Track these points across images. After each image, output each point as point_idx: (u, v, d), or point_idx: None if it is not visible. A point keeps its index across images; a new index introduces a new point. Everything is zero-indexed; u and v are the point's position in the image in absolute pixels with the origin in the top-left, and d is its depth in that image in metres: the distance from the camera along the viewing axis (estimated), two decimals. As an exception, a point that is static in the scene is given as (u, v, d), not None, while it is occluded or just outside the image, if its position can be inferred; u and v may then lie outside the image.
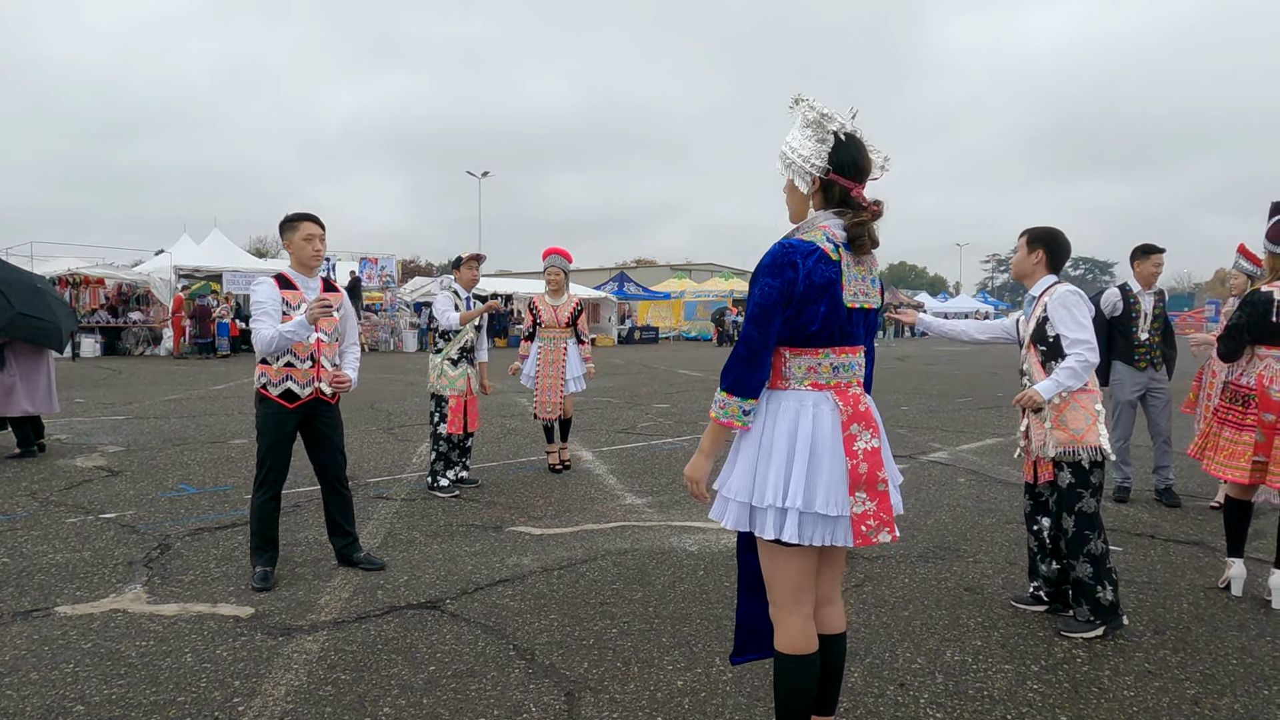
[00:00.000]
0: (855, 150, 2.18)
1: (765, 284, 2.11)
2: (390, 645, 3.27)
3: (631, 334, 34.03)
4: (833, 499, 2.09)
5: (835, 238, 2.15)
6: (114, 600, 3.72)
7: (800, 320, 2.12)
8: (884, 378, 16.55)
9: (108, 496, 5.71)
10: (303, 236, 4.03)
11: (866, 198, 2.19)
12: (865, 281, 2.21)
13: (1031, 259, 3.58)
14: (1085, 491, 3.44)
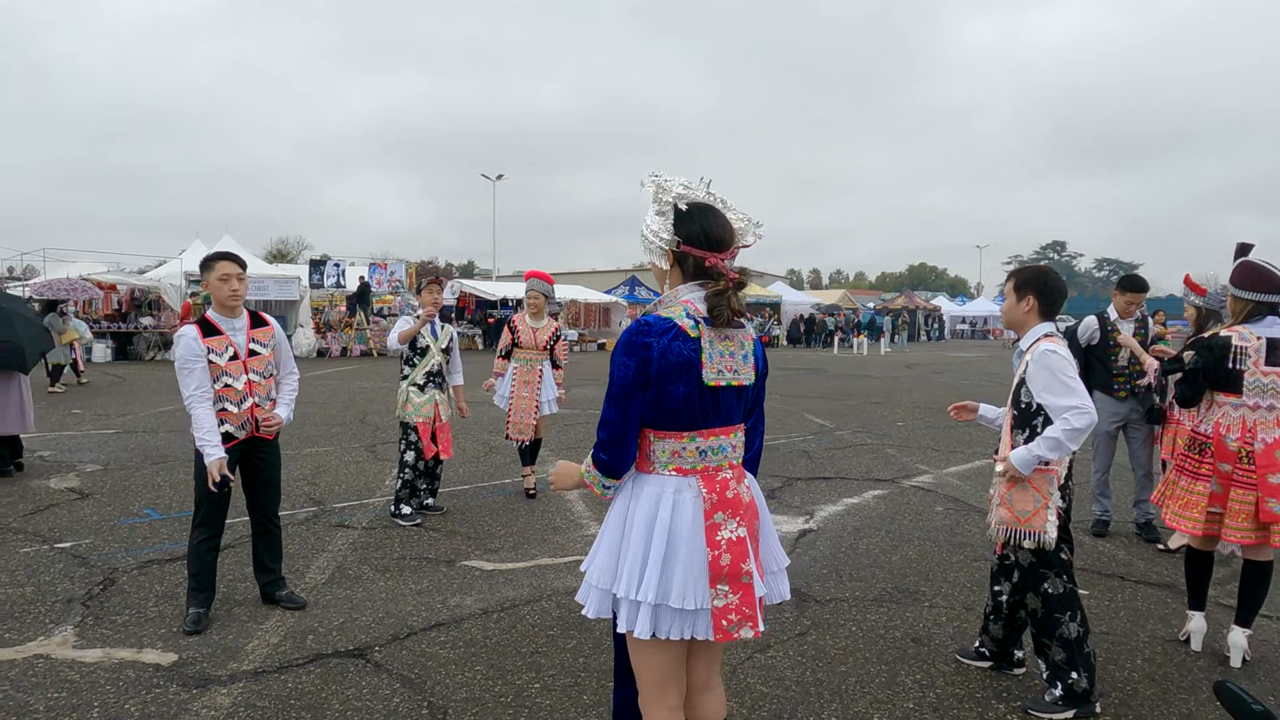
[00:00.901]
0: (704, 220, 2.10)
1: (622, 363, 2.03)
2: (303, 700, 3.20)
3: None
4: (690, 592, 1.99)
5: (697, 312, 2.06)
6: (40, 644, 3.69)
7: (661, 402, 2.02)
8: (886, 388, 16.36)
9: (69, 523, 5.70)
10: (218, 277, 3.96)
11: (727, 267, 2.09)
12: (735, 357, 2.10)
13: (1022, 307, 3.22)
14: (1050, 572, 3.17)
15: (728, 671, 3.50)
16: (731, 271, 2.09)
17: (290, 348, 4.35)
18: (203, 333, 3.93)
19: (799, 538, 5.57)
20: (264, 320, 4.21)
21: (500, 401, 6.82)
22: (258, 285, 24.01)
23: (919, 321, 45.98)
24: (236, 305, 4.06)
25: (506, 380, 6.81)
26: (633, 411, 2.03)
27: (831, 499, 6.71)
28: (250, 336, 4.07)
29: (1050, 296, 3.20)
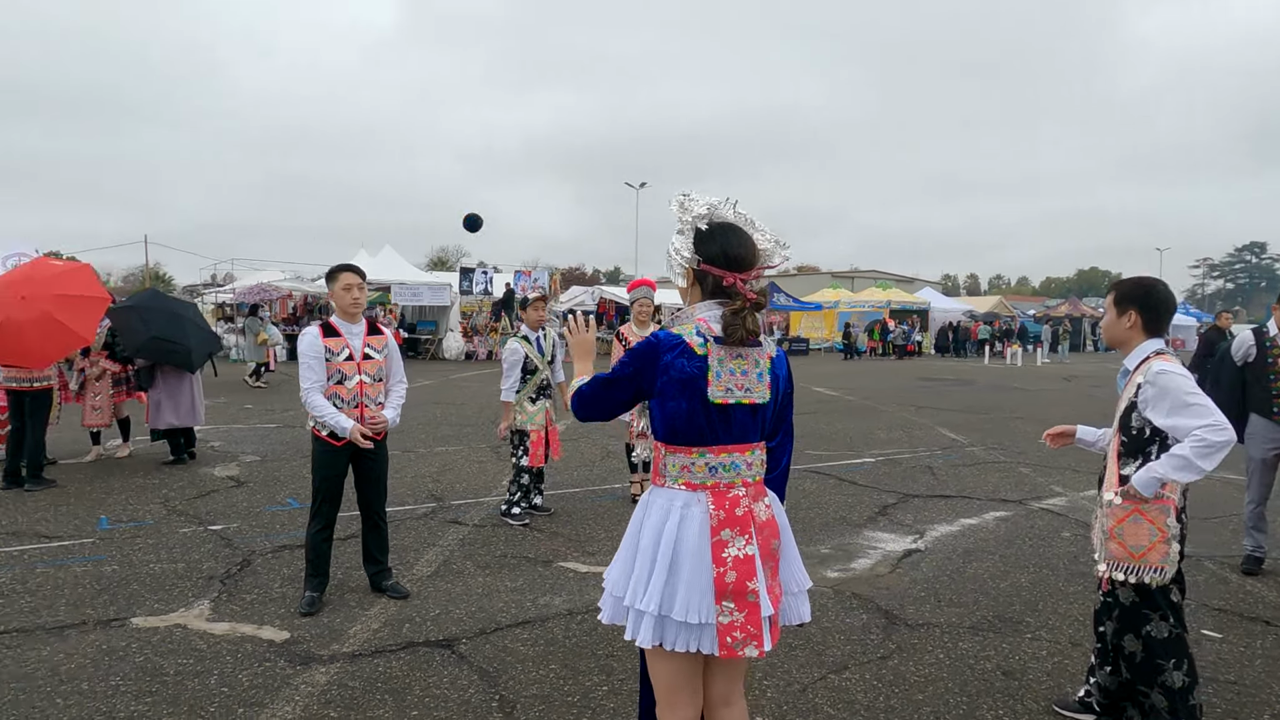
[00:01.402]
0: (725, 240, 2.12)
1: (624, 360, 2.14)
2: (389, 684, 3.44)
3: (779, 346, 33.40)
4: (694, 606, 2.01)
5: (709, 330, 2.08)
6: (180, 615, 4.16)
7: (666, 416, 2.08)
8: (1034, 402, 15.35)
9: (223, 507, 6.36)
10: (341, 286, 4.32)
11: (746, 287, 2.10)
12: (748, 376, 2.11)
13: (1123, 323, 2.96)
14: (1154, 613, 2.88)
15: (797, 689, 3.46)
16: (750, 292, 2.10)
17: (401, 358, 4.67)
18: (324, 333, 4.30)
19: (902, 558, 5.37)
20: (379, 330, 4.55)
21: None
22: (413, 291, 25.65)
23: (1084, 330, 42.67)
24: (356, 313, 4.42)
25: None
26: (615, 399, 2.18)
27: (947, 519, 6.41)
28: (366, 342, 4.41)
29: (1155, 311, 2.93)
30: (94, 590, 4.48)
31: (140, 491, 6.86)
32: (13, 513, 6.07)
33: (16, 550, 5.18)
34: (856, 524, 6.22)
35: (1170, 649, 2.86)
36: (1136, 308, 2.94)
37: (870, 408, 14.01)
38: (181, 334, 8.13)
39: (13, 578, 4.66)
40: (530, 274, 28.06)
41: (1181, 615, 2.93)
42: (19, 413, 6.95)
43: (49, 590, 4.47)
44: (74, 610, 4.19)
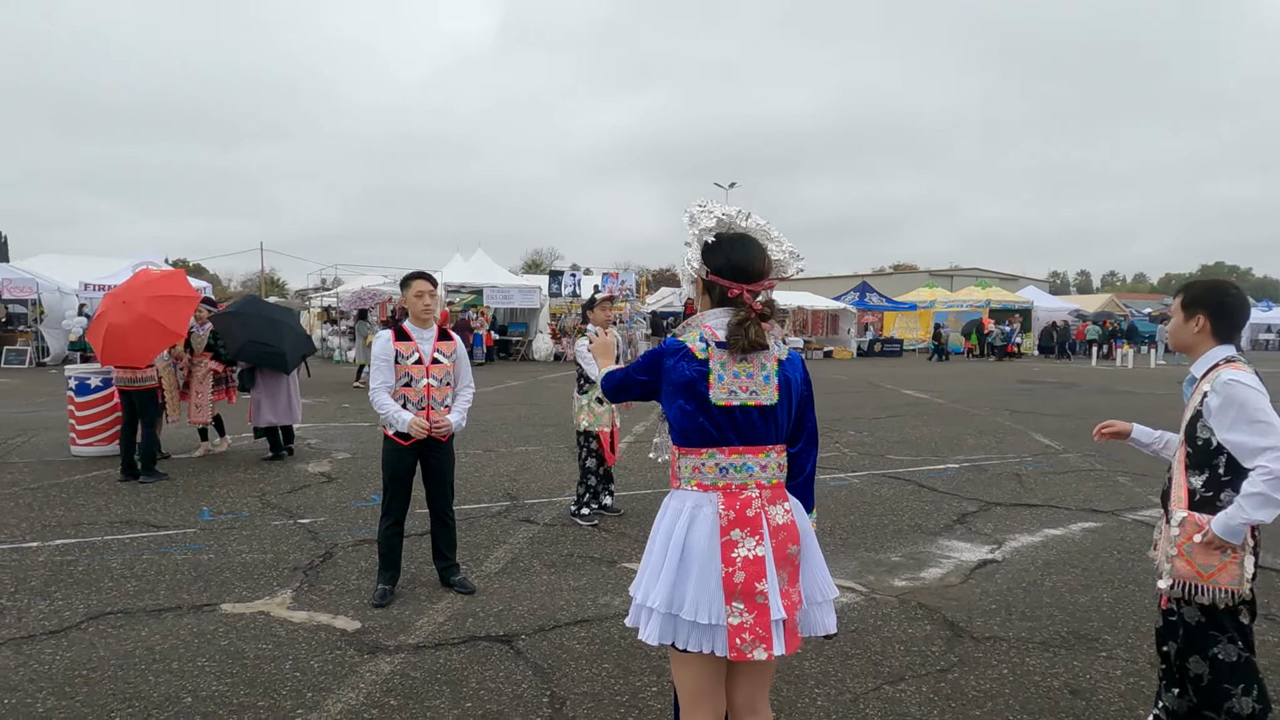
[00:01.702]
0: (732, 251, 2.16)
1: (638, 363, 2.24)
2: (447, 676, 3.58)
3: (871, 347, 32.68)
4: (703, 606, 2.03)
5: (712, 336, 2.12)
6: (264, 603, 4.43)
7: (673, 418, 2.15)
8: (1143, 407, 14.49)
9: (314, 502, 6.71)
10: (414, 293, 4.51)
11: (751, 298, 2.12)
12: (754, 379, 2.12)
13: (1190, 328, 2.80)
14: (1221, 635, 2.71)
15: (848, 699, 3.41)
16: (756, 303, 2.12)
17: (469, 364, 4.83)
18: (396, 337, 4.50)
19: (976, 569, 5.20)
20: (449, 336, 4.73)
21: None
22: (504, 294, 26.29)
23: (1206, 330, 39.84)
24: (428, 318, 4.60)
25: None
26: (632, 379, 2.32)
27: (1030, 529, 6.16)
28: (436, 347, 4.59)
29: (1226, 315, 2.75)
30: (190, 577, 4.83)
31: (240, 485, 7.32)
32: (128, 503, 6.59)
33: (128, 538, 5.62)
34: (932, 532, 6.05)
35: (1239, 673, 2.69)
36: (1206, 311, 2.78)
37: (961, 412, 13.54)
38: (277, 338, 8.63)
39: (122, 563, 5.07)
40: (617, 276, 28.35)
41: (1250, 638, 2.75)
42: (131, 411, 7.51)
43: (152, 576, 4.84)
44: (171, 595, 4.53)
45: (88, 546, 5.40)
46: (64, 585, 4.65)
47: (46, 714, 3.20)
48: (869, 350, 32.59)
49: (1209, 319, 2.78)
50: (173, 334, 7.35)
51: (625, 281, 28.32)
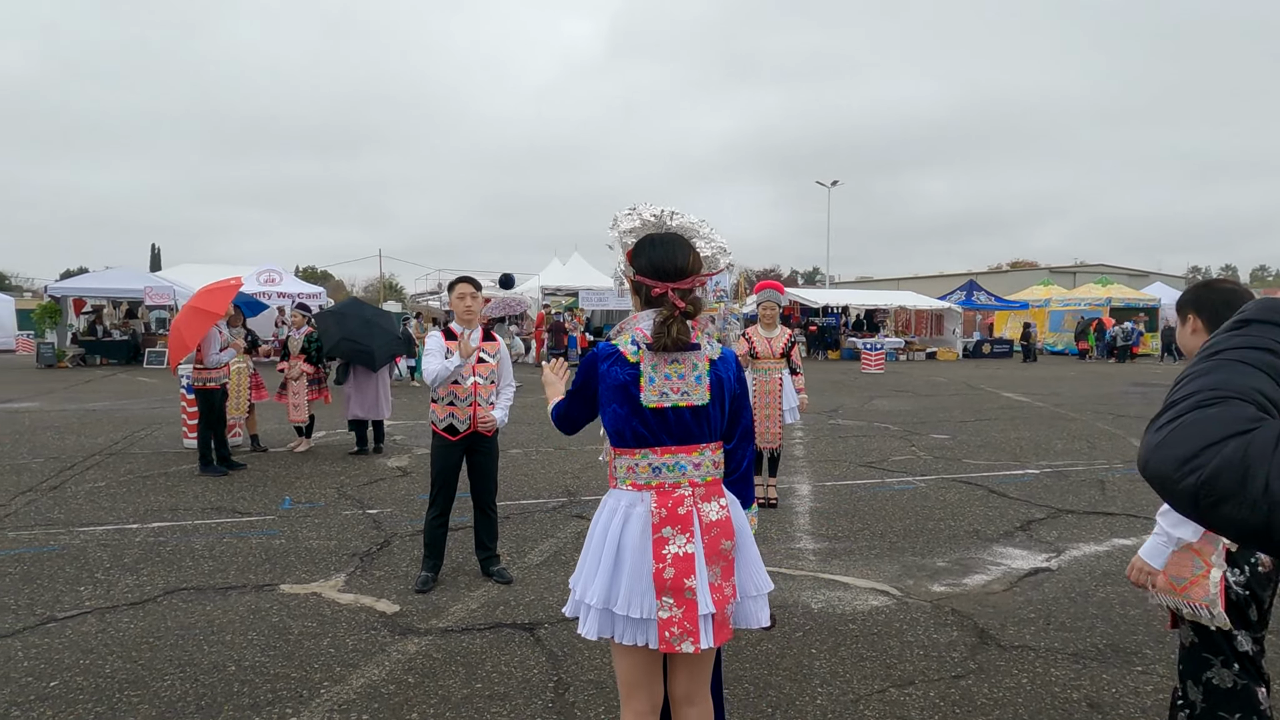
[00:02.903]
0: (652, 252, 2.23)
1: (575, 382, 2.32)
2: (466, 659, 3.79)
3: (979, 347, 31.35)
4: (634, 601, 2.10)
5: (643, 338, 2.18)
6: (318, 585, 4.78)
7: (608, 420, 2.21)
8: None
9: (384, 494, 7.12)
10: (457, 296, 4.76)
11: (676, 296, 2.17)
12: (685, 380, 2.18)
13: (1186, 330, 2.69)
14: (1215, 659, 2.56)
15: (850, 700, 3.40)
16: (679, 300, 2.18)
17: (511, 364, 5.04)
18: (445, 337, 4.76)
19: (1025, 576, 5.01)
20: (494, 337, 4.96)
21: None
22: (599, 296, 26.73)
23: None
24: (471, 319, 4.85)
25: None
26: (573, 413, 2.37)
27: (1098, 538, 5.87)
28: (481, 346, 4.83)
29: (1212, 310, 2.61)
30: (260, 559, 5.25)
31: (323, 477, 7.84)
32: (221, 491, 7.18)
33: (214, 523, 6.14)
34: (989, 538, 5.86)
35: (1234, 701, 2.53)
36: (1194, 311, 2.65)
37: (1058, 415, 12.88)
38: (368, 337, 9.17)
39: (205, 545, 5.56)
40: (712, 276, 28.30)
41: (1253, 665, 2.58)
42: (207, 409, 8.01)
43: (227, 557, 5.29)
44: (240, 575, 4.95)
45: (179, 529, 5.94)
46: (151, 563, 5.15)
47: (112, 674, 3.60)
48: (976, 351, 31.29)
49: (1198, 318, 2.65)
50: (211, 314, 7.87)
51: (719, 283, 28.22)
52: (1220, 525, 0.87)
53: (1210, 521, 0.88)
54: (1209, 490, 0.86)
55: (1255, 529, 0.84)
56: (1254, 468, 0.83)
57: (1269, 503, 0.82)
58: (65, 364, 22.33)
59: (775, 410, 6.84)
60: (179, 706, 3.31)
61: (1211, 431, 0.88)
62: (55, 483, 7.42)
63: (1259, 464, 0.83)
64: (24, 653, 3.80)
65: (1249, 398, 0.90)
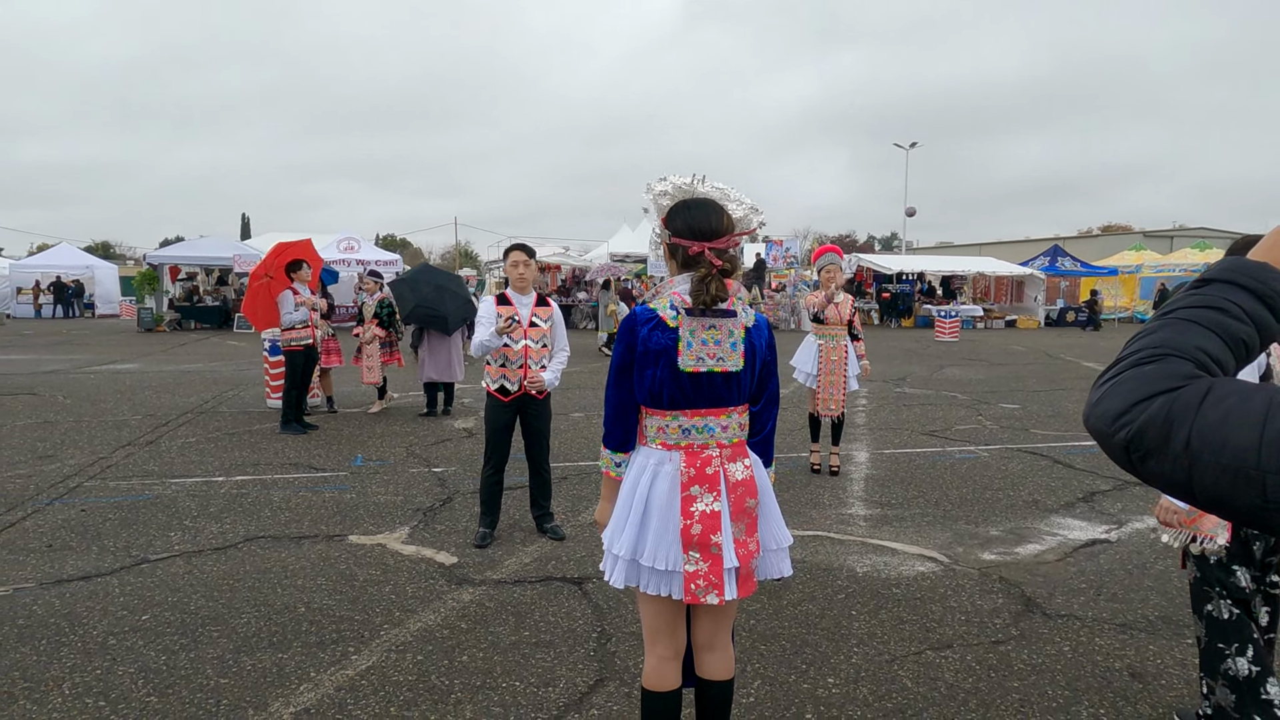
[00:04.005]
0: (687, 213, 2.26)
1: (616, 349, 2.30)
2: (516, 608, 3.98)
3: (1062, 315, 30.16)
4: (661, 554, 2.20)
5: (682, 302, 2.23)
6: (383, 537, 5.06)
7: (642, 383, 2.26)
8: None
9: (451, 454, 7.41)
10: (510, 263, 4.90)
11: (712, 255, 2.21)
12: (721, 345, 2.23)
13: None
14: (1213, 591, 2.64)
15: (885, 659, 3.46)
16: (716, 259, 2.22)
17: (565, 329, 5.16)
18: (498, 302, 4.92)
19: (1080, 547, 4.93)
20: (547, 302, 5.09)
21: (806, 380, 7.00)
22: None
23: None
24: (525, 286, 4.99)
25: (811, 357, 6.97)
26: (624, 389, 2.30)
27: (1165, 511, 5.70)
28: (534, 312, 4.97)
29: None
30: (331, 512, 5.57)
31: (394, 437, 8.19)
32: (299, 449, 7.59)
33: (292, 477, 6.52)
34: (1048, 509, 5.77)
35: (1232, 631, 2.57)
36: None
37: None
38: (440, 302, 9.46)
39: (282, 498, 5.92)
40: (781, 244, 27.99)
41: (1249, 599, 2.59)
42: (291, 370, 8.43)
43: (302, 509, 5.63)
44: (313, 526, 5.27)
45: (259, 483, 6.33)
46: (233, 513, 5.52)
47: (196, 610, 3.92)
48: (1059, 319, 30.13)
49: None
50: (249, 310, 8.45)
51: (790, 249, 27.91)
52: (1149, 478, 0.91)
53: (1141, 474, 0.92)
54: (1137, 445, 0.90)
55: (1179, 483, 0.88)
56: (1176, 424, 0.87)
57: (1190, 458, 0.85)
58: (163, 328, 23.65)
59: (840, 377, 6.81)
60: (253, 641, 3.59)
61: (1143, 388, 0.91)
62: (151, 438, 7.96)
63: (1181, 420, 0.86)
64: (120, 589, 4.17)
65: (1189, 355, 0.93)
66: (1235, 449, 0.82)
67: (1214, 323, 0.95)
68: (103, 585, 4.23)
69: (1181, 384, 0.89)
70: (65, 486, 6.12)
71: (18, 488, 6.09)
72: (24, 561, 4.55)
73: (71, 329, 24.99)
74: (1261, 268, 0.97)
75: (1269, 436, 0.80)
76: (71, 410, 9.53)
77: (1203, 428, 0.84)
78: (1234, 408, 0.83)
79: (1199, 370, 0.91)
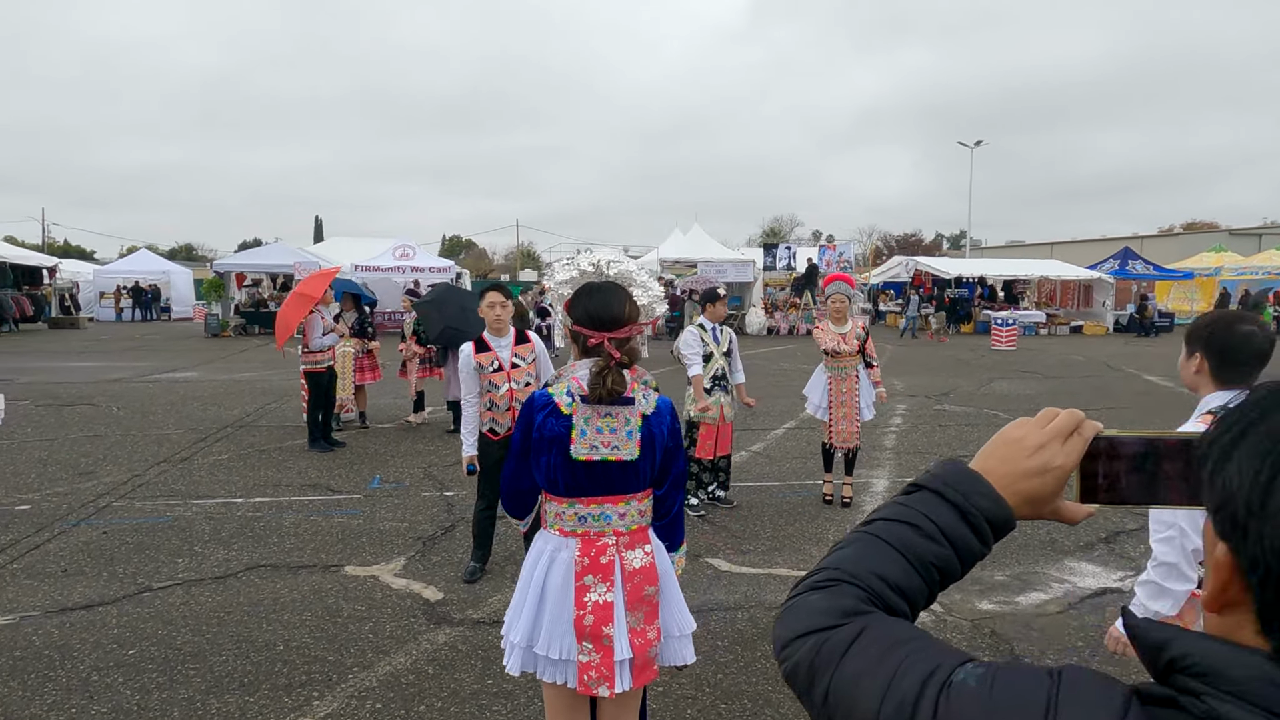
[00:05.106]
0: (588, 301, 2.23)
1: (515, 432, 2.33)
2: (486, 653, 3.99)
3: (1132, 321, 28.88)
4: (555, 643, 2.17)
5: (579, 389, 2.20)
6: (379, 568, 5.14)
7: (538, 469, 2.24)
8: None
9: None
10: (487, 304, 4.91)
11: (611, 346, 2.18)
12: (617, 434, 2.19)
13: (1190, 366, 2.48)
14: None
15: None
16: (615, 350, 2.19)
17: (550, 361, 5.16)
18: (476, 349, 4.95)
19: (1087, 597, 4.71)
20: (527, 338, 5.09)
21: (816, 412, 6.85)
22: (718, 269, 26.58)
23: None
24: (502, 327, 4.98)
25: (820, 389, 6.82)
26: (521, 474, 2.28)
27: (1191, 556, 5.39)
28: (514, 351, 4.98)
29: (1223, 356, 2.36)
30: (335, 539, 5.70)
31: (415, 457, 8.34)
32: (320, 468, 7.79)
33: (306, 500, 6.70)
34: (1064, 550, 5.53)
35: None
36: (1202, 349, 2.40)
37: (1201, 405, 11.76)
38: (466, 323, 9.57)
39: (292, 522, 6.09)
40: (834, 248, 27.53)
41: None
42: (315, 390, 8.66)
43: (308, 535, 5.78)
44: (314, 554, 5.39)
45: (275, 505, 6.52)
46: (243, 538, 5.70)
47: (181, 646, 4.05)
48: (1130, 325, 28.85)
49: (1206, 359, 2.40)
50: (308, 298, 8.52)
51: (843, 253, 27.44)
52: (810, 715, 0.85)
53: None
54: (792, 683, 0.84)
55: None
56: (819, 673, 0.80)
57: (828, 713, 0.79)
58: (228, 333, 24.61)
59: (852, 409, 6.64)
60: (225, 682, 3.70)
61: (803, 622, 0.85)
62: (187, 454, 8.28)
63: (824, 669, 0.80)
64: (117, 620, 4.34)
65: (863, 583, 0.86)
66: (864, 713, 0.75)
67: (903, 543, 0.87)
68: (101, 615, 4.40)
69: (838, 623, 0.82)
70: (95, 506, 6.41)
71: (52, 506, 6.40)
72: (37, 587, 4.78)
73: (145, 333, 26.20)
74: (971, 479, 0.90)
75: (886, 711, 0.73)
76: (121, 423, 9.98)
77: (839, 683, 0.78)
78: (867, 667, 0.77)
79: (869, 603, 0.84)
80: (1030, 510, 0.90)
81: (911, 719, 0.71)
